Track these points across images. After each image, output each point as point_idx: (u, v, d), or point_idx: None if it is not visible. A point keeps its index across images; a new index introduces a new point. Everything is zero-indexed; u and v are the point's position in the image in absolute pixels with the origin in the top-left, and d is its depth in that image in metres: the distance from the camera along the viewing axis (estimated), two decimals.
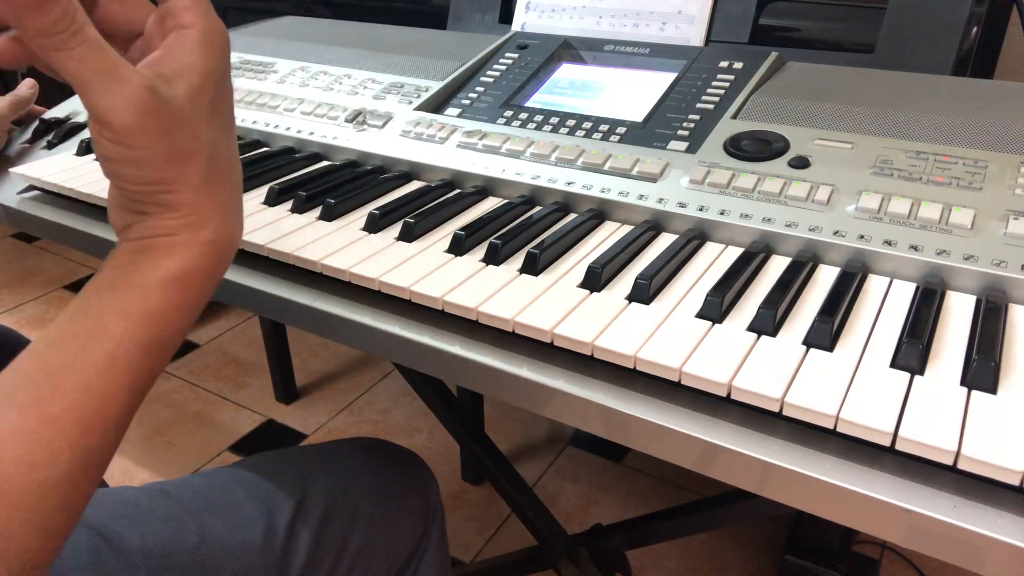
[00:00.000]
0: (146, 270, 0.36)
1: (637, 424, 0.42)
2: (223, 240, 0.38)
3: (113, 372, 0.34)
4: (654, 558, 1.20)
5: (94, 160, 0.75)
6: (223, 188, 0.38)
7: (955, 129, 0.58)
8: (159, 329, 0.36)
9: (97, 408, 0.33)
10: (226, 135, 0.39)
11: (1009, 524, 0.34)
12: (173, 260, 0.36)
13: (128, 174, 0.35)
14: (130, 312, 0.35)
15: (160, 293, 0.36)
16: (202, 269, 0.37)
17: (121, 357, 0.34)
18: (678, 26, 0.77)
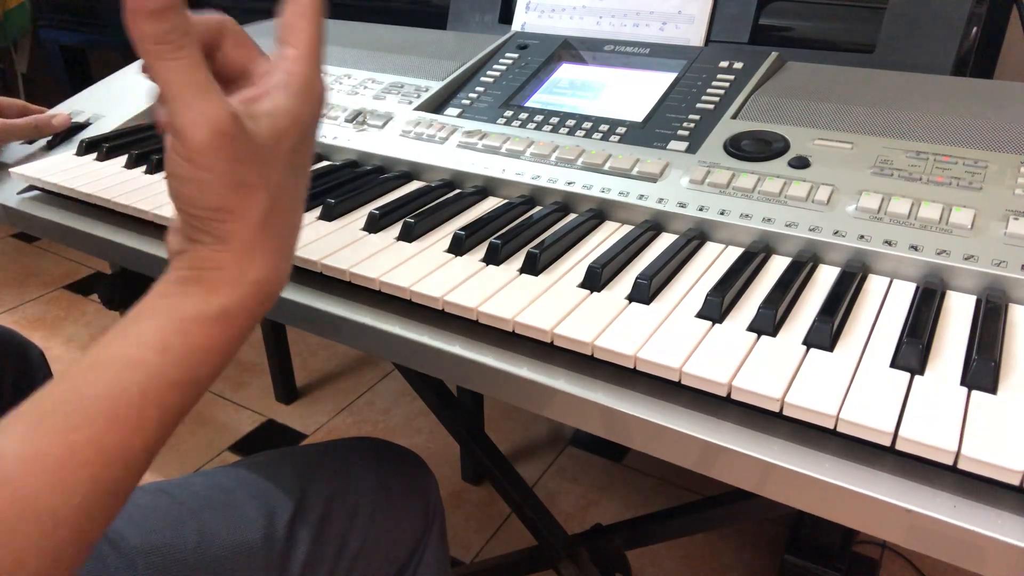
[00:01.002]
0: (191, 304, 0.35)
1: (637, 424, 0.42)
2: (270, 282, 0.38)
3: (144, 406, 0.33)
4: (654, 558, 1.20)
5: (94, 160, 0.75)
6: (281, 232, 0.38)
7: (955, 129, 0.58)
8: (194, 367, 0.35)
9: (123, 441, 0.33)
10: (297, 183, 0.39)
11: (1009, 524, 0.34)
12: (218, 296, 0.36)
13: (190, 195, 0.35)
14: (168, 346, 0.34)
15: (201, 330, 0.35)
16: (245, 309, 0.37)
17: (153, 392, 0.34)
18: (678, 26, 0.77)
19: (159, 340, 0.34)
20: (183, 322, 0.35)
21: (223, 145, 0.34)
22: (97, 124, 0.85)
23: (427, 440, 1.49)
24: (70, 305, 1.94)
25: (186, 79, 0.33)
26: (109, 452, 0.32)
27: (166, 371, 0.34)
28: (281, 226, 0.38)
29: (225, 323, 0.36)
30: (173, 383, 0.34)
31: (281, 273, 0.39)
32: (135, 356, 0.34)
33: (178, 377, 0.34)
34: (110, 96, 0.91)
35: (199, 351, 0.35)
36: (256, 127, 0.35)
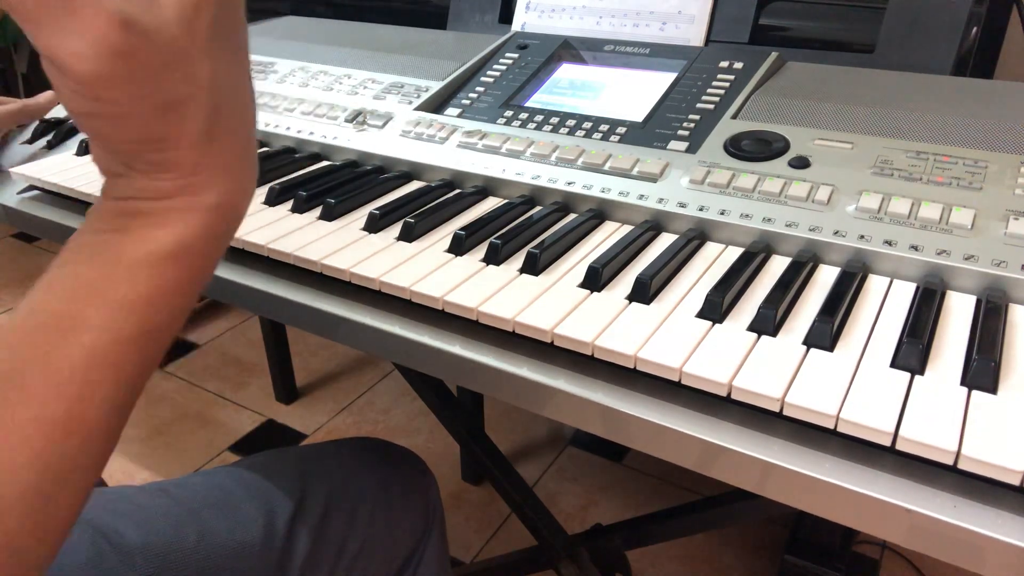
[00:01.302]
0: (133, 243, 0.29)
1: (637, 424, 0.42)
2: (230, 204, 0.31)
3: (92, 370, 0.28)
4: (654, 558, 1.20)
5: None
6: (231, 140, 0.31)
7: (955, 129, 0.58)
8: (150, 316, 0.29)
9: (73, 412, 0.28)
10: (235, 69, 0.31)
11: (1009, 524, 0.34)
12: (167, 231, 0.30)
13: (106, 132, 0.29)
14: (112, 298, 0.29)
15: (151, 273, 0.29)
16: (204, 240, 0.31)
17: (101, 351, 0.28)
18: (678, 26, 0.77)
19: (100, 292, 0.29)
20: (128, 267, 0.29)
21: (125, 67, 0.26)
22: None
23: (427, 440, 1.49)
24: None
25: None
26: (58, 427, 0.27)
27: (114, 326, 0.29)
28: (230, 132, 0.31)
29: (180, 262, 0.30)
30: (125, 339, 0.29)
31: (243, 187, 0.32)
32: (73, 312, 0.28)
33: (130, 331, 0.29)
34: None
35: (152, 299, 0.29)
36: (156, 18, 0.27)
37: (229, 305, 1.79)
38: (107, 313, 0.29)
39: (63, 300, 0.29)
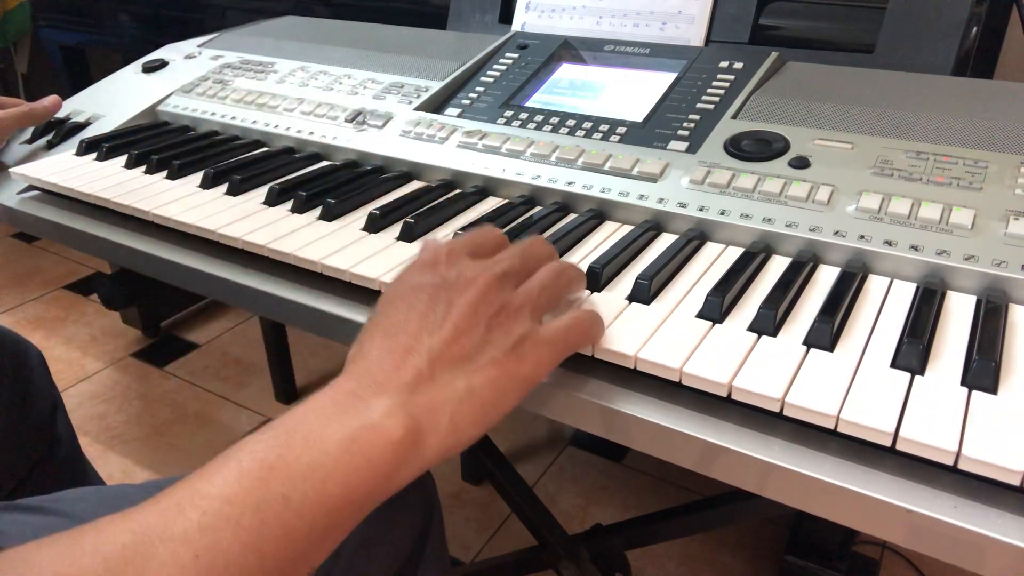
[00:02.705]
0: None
1: (637, 424, 0.42)
2: (397, 432, 0.35)
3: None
4: (654, 558, 1.20)
5: (94, 160, 0.75)
6: (454, 395, 0.37)
7: (955, 129, 0.58)
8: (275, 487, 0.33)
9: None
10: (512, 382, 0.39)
11: (1009, 524, 0.34)
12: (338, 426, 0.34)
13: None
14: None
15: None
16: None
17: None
18: (678, 26, 0.77)
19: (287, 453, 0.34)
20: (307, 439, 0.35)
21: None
22: (97, 124, 0.85)
23: None
24: (70, 305, 1.94)
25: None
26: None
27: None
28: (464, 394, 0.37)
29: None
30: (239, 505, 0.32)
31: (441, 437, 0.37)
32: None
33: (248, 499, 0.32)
34: (110, 96, 0.91)
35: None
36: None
37: (229, 305, 1.79)
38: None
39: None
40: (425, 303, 0.39)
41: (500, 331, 0.39)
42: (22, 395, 0.82)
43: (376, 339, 0.38)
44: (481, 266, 0.41)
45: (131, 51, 1.29)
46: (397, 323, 0.39)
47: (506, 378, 0.38)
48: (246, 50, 0.94)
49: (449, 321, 0.38)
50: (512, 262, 0.41)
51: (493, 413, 0.38)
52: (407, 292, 0.40)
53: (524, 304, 0.40)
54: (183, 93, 0.87)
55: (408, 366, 0.37)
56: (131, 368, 1.69)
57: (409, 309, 0.39)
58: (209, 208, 0.63)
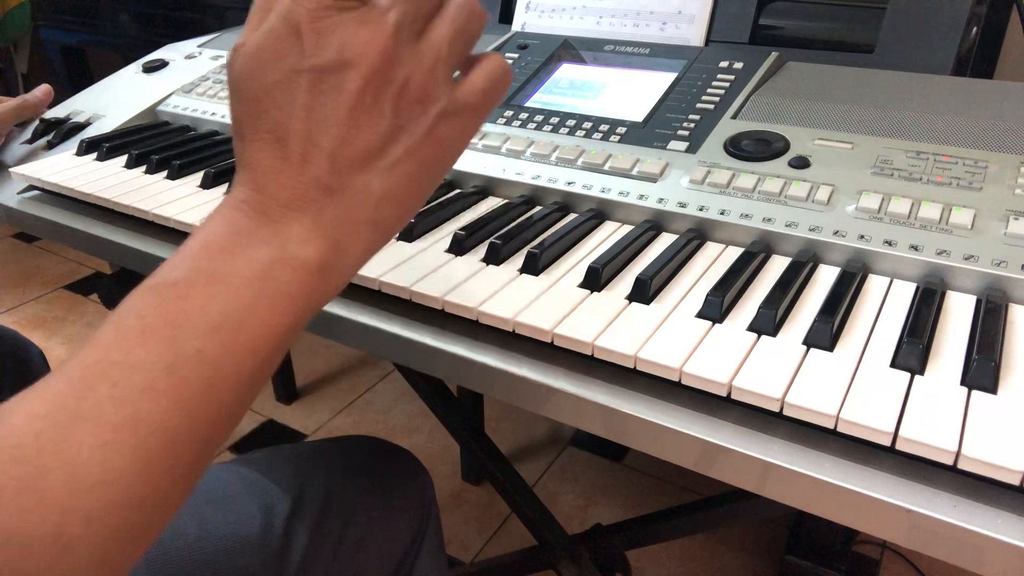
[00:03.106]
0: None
1: (637, 424, 0.42)
2: (321, 263, 0.31)
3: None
4: (654, 558, 1.20)
5: (94, 160, 0.75)
6: (365, 197, 0.32)
7: (955, 129, 0.58)
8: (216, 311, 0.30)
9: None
10: (423, 163, 0.33)
11: (1009, 524, 0.34)
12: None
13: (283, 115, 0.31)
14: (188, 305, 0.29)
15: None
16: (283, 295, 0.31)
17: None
18: (678, 26, 0.77)
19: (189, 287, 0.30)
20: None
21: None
22: (97, 124, 0.85)
23: (427, 440, 1.49)
24: (70, 305, 1.94)
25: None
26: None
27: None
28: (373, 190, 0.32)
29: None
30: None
31: (349, 246, 0.32)
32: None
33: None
34: (110, 96, 0.91)
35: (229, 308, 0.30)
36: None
37: None
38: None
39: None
40: (306, 94, 0.31)
41: (409, 113, 0.31)
42: None
43: (262, 144, 0.32)
44: (363, 20, 0.31)
45: (131, 51, 1.29)
46: (280, 121, 0.31)
47: (427, 165, 0.33)
48: None
49: (343, 110, 0.31)
50: (403, 7, 0.31)
51: (415, 202, 0.34)
52: (281, 79, 0.31)
53: (434, 68, 0.32)
54: (183, 93, 0.87)
55: (309, 177, 0.31)
56: None
57: (290, 103, 0.31)
58: (209, 208, 0.63)
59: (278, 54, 0.31)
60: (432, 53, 0.32)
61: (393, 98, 0.31)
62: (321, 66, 0.30)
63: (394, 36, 0.31)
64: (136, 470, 0.27)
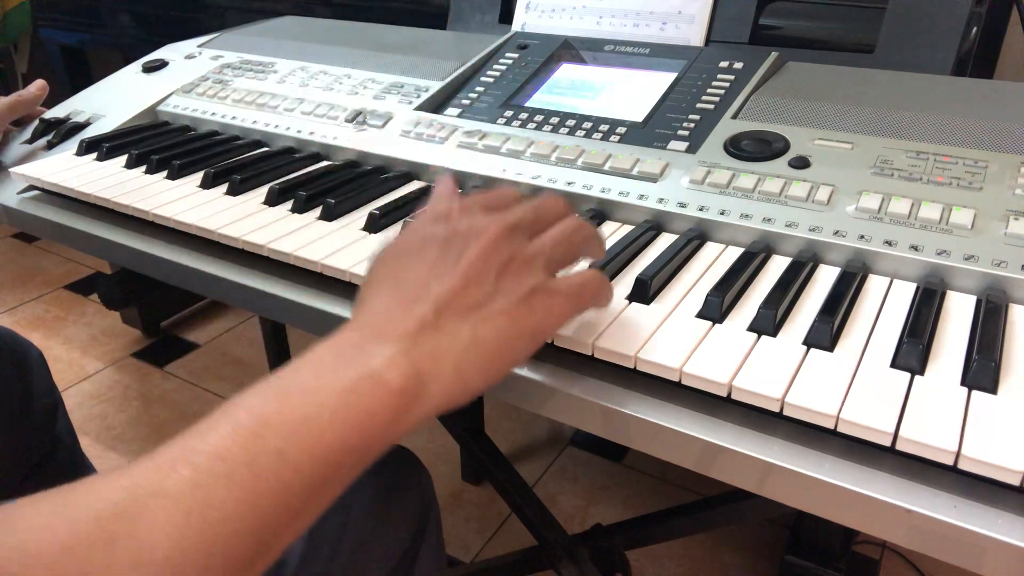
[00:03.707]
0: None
1: (637, 424, 0.42)
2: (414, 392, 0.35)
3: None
4: (654, 558, 1.20)
5: (94, 160, 0.75)
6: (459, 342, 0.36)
7: (955, 129, 0.58)
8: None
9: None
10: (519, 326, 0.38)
11: (1009, 524, 0.34)
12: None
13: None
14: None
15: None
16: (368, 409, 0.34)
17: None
18: (678, 26, 0.77)
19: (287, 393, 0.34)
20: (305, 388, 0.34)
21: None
22: (97, 124, 0.85)
23: (427, 440, 1.49)
24: (70, 305, 1.94)
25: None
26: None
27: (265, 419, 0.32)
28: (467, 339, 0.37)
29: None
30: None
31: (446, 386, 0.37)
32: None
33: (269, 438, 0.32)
34: (110, 96, 0.91)
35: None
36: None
37: (229, 305, 1.79)
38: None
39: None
40: (435, 253, 0.38)
41: (511, 280, 0.38)
42: (23, 395, 0.82)
43: (382, 290, 0.38)
44: (493, 217, 0.39)
45: (131, 51, 1.29)
46: (405, 274, 0.38)
47: (515, 328, 0.37)
48: (246, 50, 0.94)
49: (458, 270, 0.37)
50: (525, 214, 0.40)
51: (499, 363, 0.37)
52: (417, 243, 0.39)
53: (537, 255, 0.39)
54: (183, 93, 0.87)
55: (413, 315, 0.36)
56: (131, 368, 1.69)
57: (419, 260, 0.38)
58: (209, 208, 0.63)
59: (431, 222, 0.40)
60: (537, 245, 0.40)
61: (499, 268, 0.38)
62: (451, 233, 0.39)
63: (512, 227, 0.39)
64: (198, 556, 0.29)
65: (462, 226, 0.39)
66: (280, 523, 0.31)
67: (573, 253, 0.42)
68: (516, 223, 0.39)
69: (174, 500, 0.29)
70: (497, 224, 0.39)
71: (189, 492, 0.29)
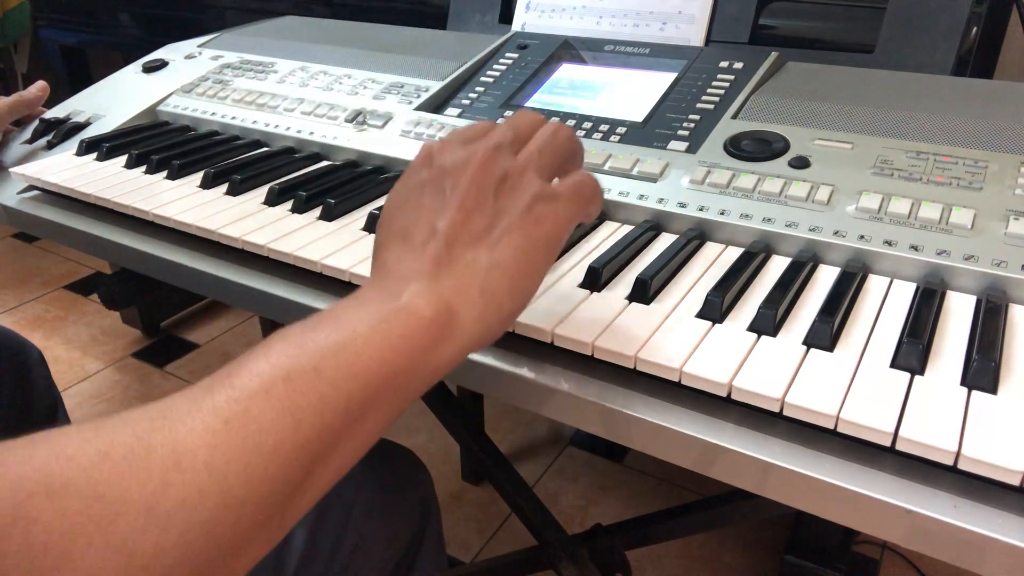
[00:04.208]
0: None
1: (637, 424, 0.42)
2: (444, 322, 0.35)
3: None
4: (654, 558, 1.20)
5: (94, 160, 0.75)
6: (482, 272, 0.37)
7: (955, 129, 0.58)
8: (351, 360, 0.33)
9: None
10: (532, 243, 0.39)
11: (1009, 524, 0.34)
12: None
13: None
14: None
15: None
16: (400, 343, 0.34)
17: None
18: (678, 26, 0.77)
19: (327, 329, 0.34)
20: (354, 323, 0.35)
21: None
22: (97, 124, 0.85)
23: (427, 440, 1.49)
24: (70, 305, 1.94)
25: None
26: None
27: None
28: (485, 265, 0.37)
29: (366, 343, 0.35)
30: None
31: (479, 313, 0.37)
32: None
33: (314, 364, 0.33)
34: (110, 96, 0.91)
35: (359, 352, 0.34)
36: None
37: (229, 305, 1.79)
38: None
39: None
40: (430, 195, 0.38)
41: (509, 197, 0.38)
42: (22, 395, 0.82)
43: (391, 245, 0.38)
44: (473, 145, 0.40)
45: (131, 51, 1.29)
46: (407, 223, 0.38)
47: (528, 241, 0.38)
48: (246, 50, 0.94)
49: (455, 200, 0.37)
50: (504, 133, 0.40)
51: (524, 280, 0.38)
52: (409, 192, 0.40)
53: (527, 165, 0.39)
54: (183, 93, 0.87)
55: (427, 255, 0.37)
56: (131, 368, 1.69)
57: (416, 206, 0.39)
58: (209, 208, 0.63)
59: (416, 170, 0.40)
60: (524, 158, 0.40)
61: (494, 188, 0.38)
62: (438, 172, 0.39)
63: (495, 148, 0.39)
64: (239, 466, 0.28)
65: (447, 162, 0.39)
66: (321, 444, 0.31)
67: (559, 155, 0.42)
68: (497, 143, 0.39)
69: (211, 412, 0.29)
70: (481, 149, 0.39)
71: (226, 406, 0.29)
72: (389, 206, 0.40)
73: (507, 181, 0.38)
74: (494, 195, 0.38)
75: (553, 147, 0.41)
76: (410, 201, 0.39)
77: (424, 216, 0.38)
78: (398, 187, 0.41)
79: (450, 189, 0.38)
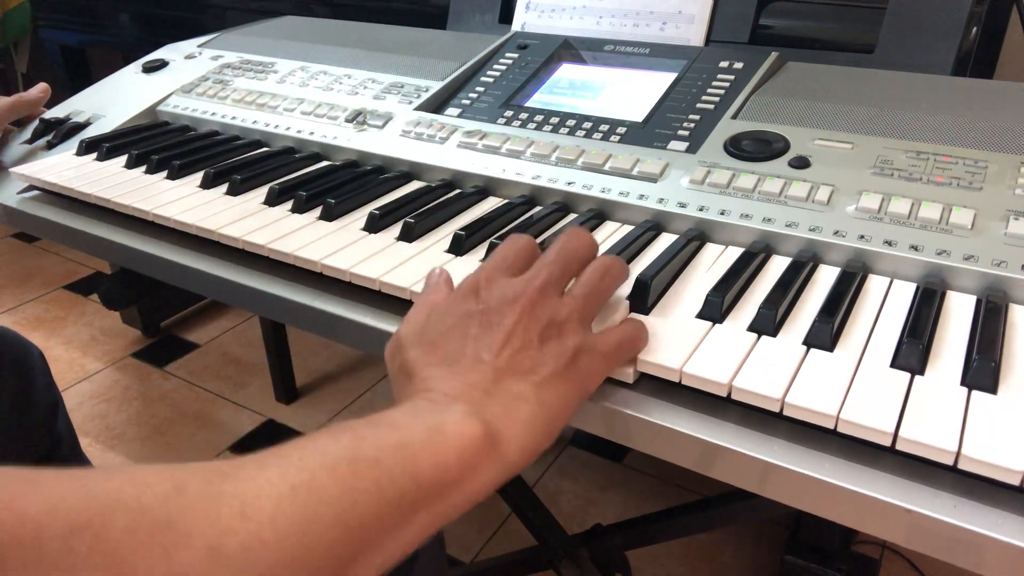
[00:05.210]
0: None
1: (637, 424, 0.42)
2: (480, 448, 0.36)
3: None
4: (654, 558, 1.20)
5: (94, 160, 0.75)
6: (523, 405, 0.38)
7: (955, 129, 0.58)
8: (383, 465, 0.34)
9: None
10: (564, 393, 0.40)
11: (1009, 524, 0.34)
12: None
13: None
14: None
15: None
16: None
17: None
18: (678, 26, 0.77)
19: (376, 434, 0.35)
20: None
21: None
22: (97, 124, 0.85)
23: None
24: (70, 305, 1.94)
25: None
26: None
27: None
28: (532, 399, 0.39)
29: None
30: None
31: (514, 438, 0.38)
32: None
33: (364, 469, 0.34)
34: (110, 96, 0.91)
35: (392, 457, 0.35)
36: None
37: (229, 305, 1.79)
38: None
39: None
40: (476, 328, 0.40)
41: (553, 345, 0.39)
42: (23, 395, 0.82)
43: (436, 369, 0.39)
44: (521, 282, 0.41)
45: (131, 51, 1.29)
46: (454, 350, 0.40)
47: (572, 391, 0.39)
48: (246, 50, 0.94)
49: (501, 337, 0.39)
50: (551, 270, 0.41)
51: (561, 421, 0.39)
52: (456, 322, 0.41)
53: (571, 314, 0.40)
54: (183, 93, 0.87)
55: (476, 383, 0.38)
56: (131, 368, 1.69)
57: (463, 337, 0.40)
58: (209, 208, 0.63)
59: (462, 300, 0.42)
60: (569, 304, 0.41)
61: (539, 332, 0.39)
62: (487, 307, 0.40)
63: (540, 291, 0.40)
64: (300, 529, 0.30)
65: (493, 299, 0.40)
66: (371, 531, 0.32)
67: (604, 297, 0.44)
68: (544, 283, 0.41)
69: (280, 475, 0.31)
70: (528, 290, 0.40)
71: (294, 473, 0.31)
72: (430, 329, 0.41)
73: (552, 328, 0.40)
74: (539, 338, 0.39)
75: (599, 292, 0.43)
76: (456, 330, 0.40)
77: (471, 346, 0.39)
78: (443, 314, 0.42)
79: (496, 326, 0.40)
